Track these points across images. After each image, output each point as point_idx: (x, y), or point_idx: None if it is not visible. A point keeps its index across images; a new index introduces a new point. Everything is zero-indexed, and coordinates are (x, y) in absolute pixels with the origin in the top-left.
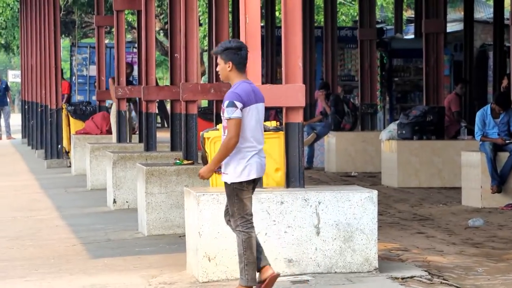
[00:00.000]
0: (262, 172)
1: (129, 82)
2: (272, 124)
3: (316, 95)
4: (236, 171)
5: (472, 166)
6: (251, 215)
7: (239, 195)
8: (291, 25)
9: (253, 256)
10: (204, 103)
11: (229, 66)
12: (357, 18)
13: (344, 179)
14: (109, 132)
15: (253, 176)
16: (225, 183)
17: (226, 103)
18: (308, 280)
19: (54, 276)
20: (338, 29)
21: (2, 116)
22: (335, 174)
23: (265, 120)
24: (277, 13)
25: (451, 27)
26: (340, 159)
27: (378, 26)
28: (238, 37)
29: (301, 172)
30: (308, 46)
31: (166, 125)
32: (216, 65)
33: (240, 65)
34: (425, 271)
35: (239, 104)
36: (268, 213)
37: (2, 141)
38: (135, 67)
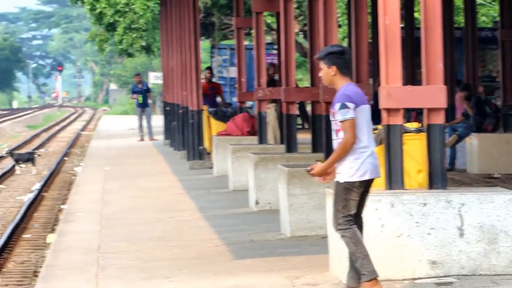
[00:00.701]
0: (377, 174)
1: (275, 82)
2: (414, 125)
3: (457, 97)
4: (351, 170)
5: None
6: (353, 216)
7: (347, 194)
8: (431, 26)
9: (365, 248)
10: None
11: (332, 71)
12: (498, 19)
13: (487, 180)
14: (250, 133)
15: (367, 177)
16: (336, 182)
17: (337, 105)
18: (452, 282)
19: (199, 277)
20: (479, 30)
21: (144, 117)
22: (477, 175)
23: (406, 121)
24: (416, 14)
25: None
26: (482, 160)
27: None
28: (377, 38)
29: (443, 174)
30: (448, 47)
31: (306, 127)
32: (319, 70)
33: (344, 69)
34: None
35: (351, 105)
36: (410, 215)
37: (145, 143)
38: None
